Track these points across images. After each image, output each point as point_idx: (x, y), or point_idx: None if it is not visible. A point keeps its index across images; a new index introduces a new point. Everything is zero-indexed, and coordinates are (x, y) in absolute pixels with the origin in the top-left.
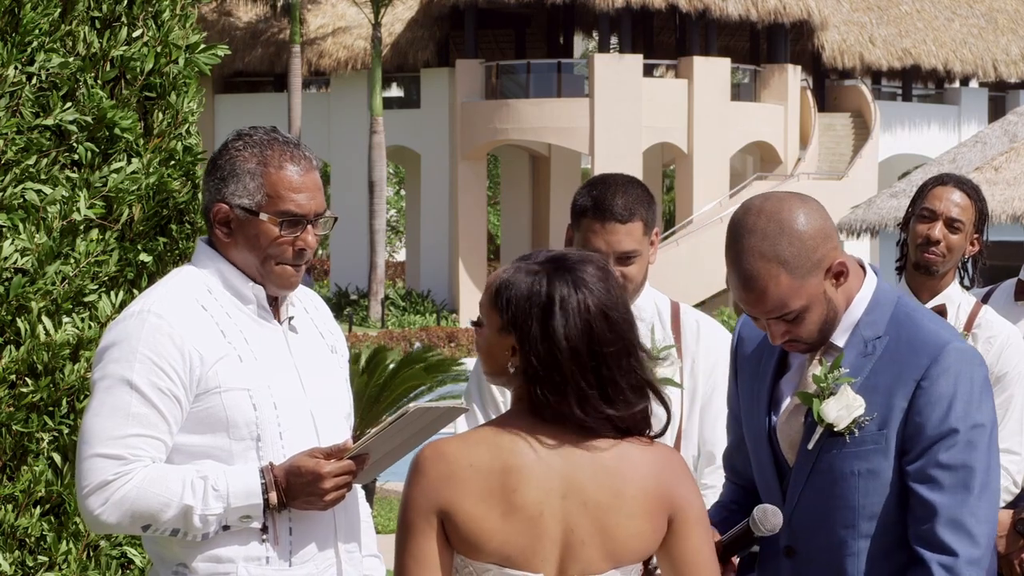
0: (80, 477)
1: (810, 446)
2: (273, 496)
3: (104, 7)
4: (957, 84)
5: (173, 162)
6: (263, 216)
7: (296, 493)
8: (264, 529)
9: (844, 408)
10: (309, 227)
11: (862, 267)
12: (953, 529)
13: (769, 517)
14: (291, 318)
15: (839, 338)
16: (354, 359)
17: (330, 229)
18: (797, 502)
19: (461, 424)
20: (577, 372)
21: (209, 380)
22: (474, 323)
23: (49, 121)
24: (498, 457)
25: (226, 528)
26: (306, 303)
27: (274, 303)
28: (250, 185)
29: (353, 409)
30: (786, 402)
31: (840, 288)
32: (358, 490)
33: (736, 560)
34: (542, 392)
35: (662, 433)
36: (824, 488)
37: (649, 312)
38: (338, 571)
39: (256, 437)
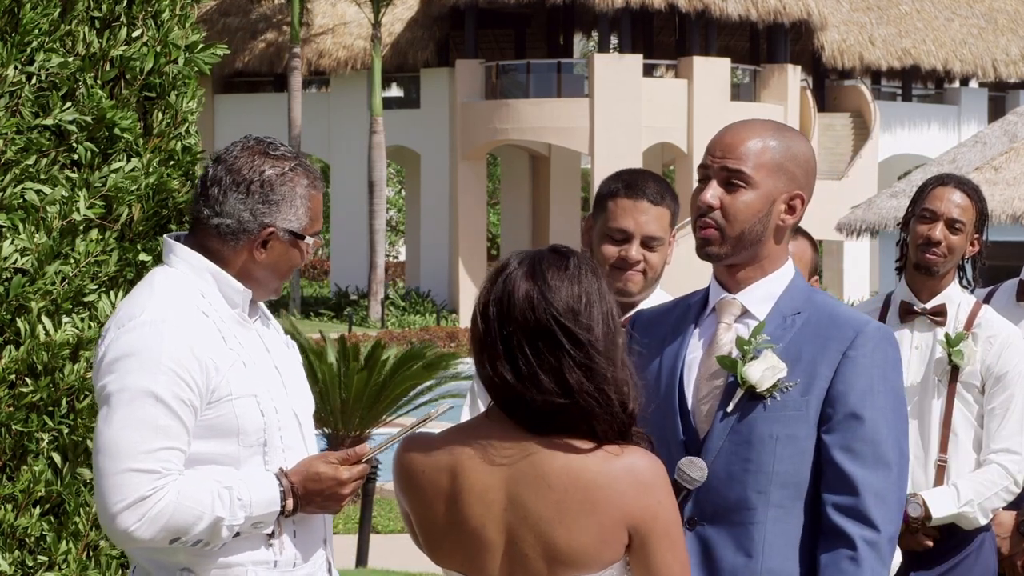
0: (110, 493)
1: (729, 408)
2: (289, 503)
3: (104, 7)
4: (957, 84)
5: (173, 162)
6: (308, 240)
7: (312, 499)
8: (271, 535)
9: (769, 369)
10: None
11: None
12: (879, 503)
13: (696, 467)
14: (255, 319)
15: (759, 309)
16: (353, 357)
17: None
18: (709, 468)
19: (466, 417)
20: (485, 331)
21: (222, 388)
22: None
23: (49, 121)
24: (450, 465)
25: (237, 534)
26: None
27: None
28: (300, 210)
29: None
30: (696, 372)
31: (778, 227)
32: None
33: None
34: (475, 359)
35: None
36: (740, 452)
37: None
38: (328, 569)
39: (263, 443)
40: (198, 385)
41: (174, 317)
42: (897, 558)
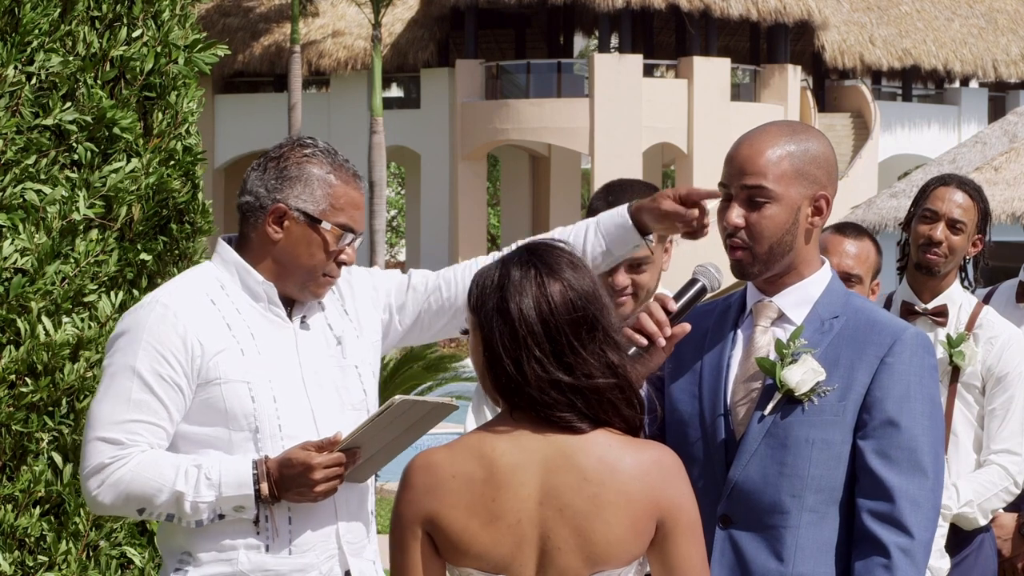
0: (82, 459)
1: (767, 412)
2: (264, 487)
3: (104, 7)
4: (957, 84)
5: (173, 162)
6: (325, 225)
7: (288, 485)
8: (256, 520)
9: (808, 373)
10: (354, 243)
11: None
12: (915, 510)
13: (711, 269)
14: (304, 317)
15: (796, 312)
16: None
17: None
18: (744, 470)
19: (471, 422)
20: (530, 338)
21: (210, 371)
22: (463, 332)
23: (49, 121)
24: (480, 466)
25: (221, 517)
26: (340, 284)
27: (289, 303)
28: (317, 192)
29: (375, 397)
30: (734, 373)
31: (807, 231)
32: (368, 485)
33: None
34: (502, 369)
35: (637, 426)
36: (775, 455)
37: None
38: (341, 561)
39: (254, 429)
40: (181, 363)
41: (168, 299)
42: (946, 563)
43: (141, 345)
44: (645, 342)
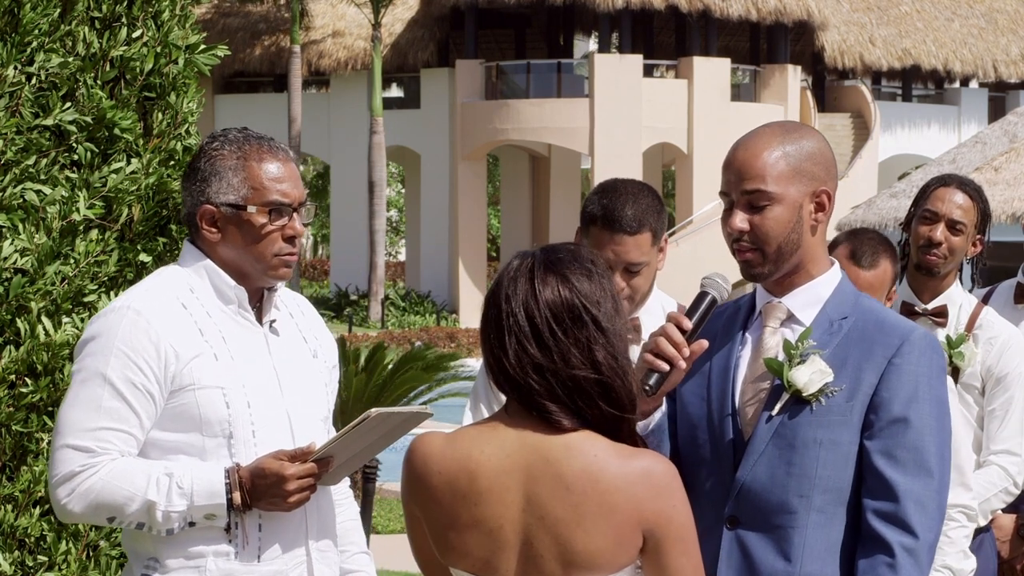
0: (50, 466)
1: (774, 412)
2: (237, 496)
3: (104, 7)
4: (957, 84)
5: (173, 162)
6: (251, 208)
7: (260, 494)
8: (228, 528)
9: (816, 373)
10: (295, 215)
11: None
12: (920, 510)
13: (718, 280)
14: (273, 321)
15: (805, 313)
16: (354, 358)
17: (312, 218)
18: (752, 470)
19: (467, 419)
20: (512, 319)
21: (184, 377)
22: None
23: (49, 121)
24: (466, 468)
25: (192, 525)
26: (292, 308)
27: (257, 306)
28: (233, 181)
29: (332, 413)
30: (743, 374)
31: (812, 227)
32: (342, 489)
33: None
34: (490, 349)
35: (616, 426)
36: (783, 456)
37: (656, 316)
38: (308, 569)
39: (228, 435)
40: (154, 371)
41: (140, 304)
42: (971, 564)
43: (113, 352)
44: (667, 367)
